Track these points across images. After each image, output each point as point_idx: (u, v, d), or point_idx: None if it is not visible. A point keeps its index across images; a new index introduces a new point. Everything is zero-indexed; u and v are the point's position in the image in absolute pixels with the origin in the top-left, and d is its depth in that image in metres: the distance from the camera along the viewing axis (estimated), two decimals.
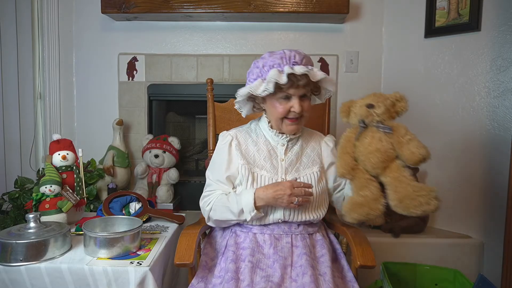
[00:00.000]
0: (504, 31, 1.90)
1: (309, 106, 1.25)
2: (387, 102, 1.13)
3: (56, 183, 1.42)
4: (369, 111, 1.12)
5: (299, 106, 1.20)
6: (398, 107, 1.14)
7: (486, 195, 2.00)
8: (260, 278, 1.10)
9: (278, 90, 1.20)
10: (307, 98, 1.24)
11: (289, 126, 1.26)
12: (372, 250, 1.20)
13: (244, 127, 1.39)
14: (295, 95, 1.21)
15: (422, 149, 1.07)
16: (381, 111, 1.11)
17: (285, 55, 1.19)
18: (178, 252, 1.17)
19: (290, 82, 1.17)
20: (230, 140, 1.32)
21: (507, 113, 1.92)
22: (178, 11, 2.15)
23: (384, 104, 1.12)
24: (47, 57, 2.25)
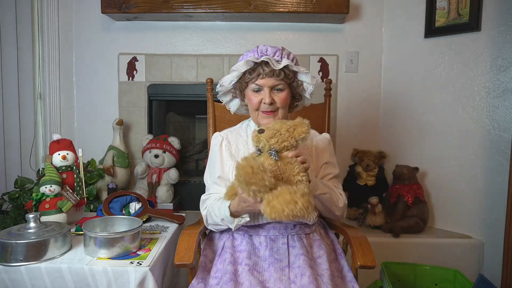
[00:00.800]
0: (504, 31, 1.90)
1: (284, 98, 1.23)
2: (284, 127, 1.08)
3: (56, 183, 1.42)
4: (259, 136, 1.08)
5: (269, 97, 1.20)
6: (296, 132, 1.08)
7: (486, 195, 2.00)
8: (258, 282, 1.09)
9: (248, 81, 1.23)
10: (281, 90, 1.23)
11: (264, 119, 1.24)
12: (372, 250, 1.19)
13: (236, 127, 1.40)
14: (265, 85, 1.21)
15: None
16: (267, 135, 1.06)
17: (258, 48, 1.23)
18: (178, 252, 1.17)
19: (256, 72, 1.20)
20: (220, 140, 1.34)
21: (507, 113, 1.92)
22: (178, 11, 2.15)
23: (276, 129, 1.07)
24: (47, 57, 2.25)
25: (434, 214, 2.20)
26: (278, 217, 0.95)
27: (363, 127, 2.38)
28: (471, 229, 2.06)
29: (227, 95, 1.36)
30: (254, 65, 1.21)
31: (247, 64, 1.20)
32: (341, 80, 2.34)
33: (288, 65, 1.20)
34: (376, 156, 2.26)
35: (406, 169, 2.14)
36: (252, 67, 1.21)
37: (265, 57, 1.18)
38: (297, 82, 1.27)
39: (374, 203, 2.14)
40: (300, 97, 1.33)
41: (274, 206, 0.96)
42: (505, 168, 1.80)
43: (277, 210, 0.95)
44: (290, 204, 0.94)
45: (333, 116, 2.29)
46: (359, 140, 2.37)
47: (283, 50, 1.23)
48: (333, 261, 1.25)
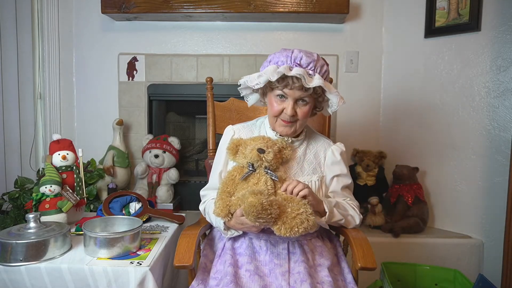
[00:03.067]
0: (504, 31, 1.90)
1: (306, 112, 1.20)
2: (275, 148, 1.17)
3: (56, 183, 1.42)
4: (260, 156, 1.13)
5: (292, 109, 1.17)
6: (283, 153, 1.20)
7: (486, 195, 2.00)
8: (259, 287, 1.08)
9: (274, 87, 1.19)
10: (306, 103, 1.19)
11: (281, 126, 1.22)
12: (373, 252, 1.19)
13: (249, 123, 1.38)
14: (291, 96, 1.17)
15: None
16: (270, 158, 1.14)
17: (292, 54, 1.16)
18: (178, 254, 1.16)
19: (285, 82, 1.15)
20: (231, 135, 1.32)
21: (507, 113, 1.92)
22: (178, 11, 2.15)
23: (273, 150, 1.15)
24: (47, 57, 2.25)
25: (434, 214, 2.20)
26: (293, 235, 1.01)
27: (363, 127, 2.38)
28: (471, 229, 2.06)
29: (247, 88, 1.31)
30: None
31: (277, 74, 1.13)
32: (341, 80, 2.34)
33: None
34: (376, 156, 2.26)
35: (406, 169, 2.14)
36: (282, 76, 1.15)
37: (297, 72, 1.10)
38: (323, 98, 1.23)
39: (374, 203, 2.14)
40: (321, 108, 1.30)
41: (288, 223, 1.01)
42: (505, 168, 1.80)
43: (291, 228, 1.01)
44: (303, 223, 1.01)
45: (333, 116, 2.29)
46: (359, 140, 2.37)
47: (317, 61, 1.17)
48: (336, 265, 1.23)
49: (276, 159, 1.16)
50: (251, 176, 1.15)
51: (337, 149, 1.32)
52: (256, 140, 1.19)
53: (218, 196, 1.16)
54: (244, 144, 1.19)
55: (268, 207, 0.99)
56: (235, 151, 1.20)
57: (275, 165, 1.17)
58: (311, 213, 1.04)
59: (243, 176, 1.15)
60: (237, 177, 1.16)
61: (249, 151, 1.15)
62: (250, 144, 1.18)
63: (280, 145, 1.19)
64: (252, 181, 1.14)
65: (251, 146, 1.16)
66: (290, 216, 1.02)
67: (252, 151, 1.14)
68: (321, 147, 1.32)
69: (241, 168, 1.18)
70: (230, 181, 1.17)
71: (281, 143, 1.19)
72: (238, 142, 1.21)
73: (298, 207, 1.04)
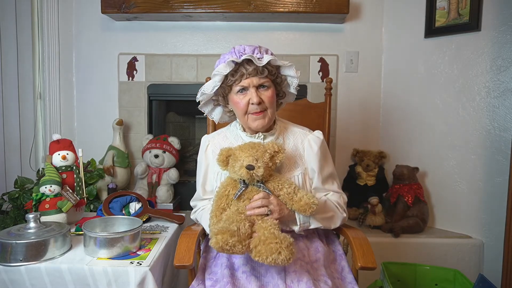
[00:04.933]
0: (504, 31, 1.90)
1: (270, 96, 1.20)
2: (266, 157, 1.11)
3: (56, 183, 1.42)
4: (249, 173, 1.08)
5: (256, 96, 1.16)
6: (276, 158, 1.14)
7: (486, 195, 2.00)
8: None
9: (232, 84, 1.19)
10: (267, 88, 1.20)
11: (254, 121, 1.21)
12: (373, 251, 1.19)
13: (224, 129, 1.38)
14: (250, 85, 1.17)
15: (313, 198, 1.08)
16: (260, 173, 1.08)
17: (235, 49, 1.18)
18: (178, 253, 1.17)
19: (239, 73, 1.16)
20: (206, 145, 1.34)
21: (507, 113, 1.92)
22: (178, 11, 2.15)
23: (263, 161, 1.09)
24: (47, 57, 2.25)
25: (434, 214, 2.20)
26: (262, 262, 0.99)
27: (363, 127, 2.38)
28: (471, 229, 2.06)
29: (208, 104, 1.32)
30: (235, 66, 1.17)
31: (228, 66, 1.15)
32: (341, 80, 2.34)
33: (270, 61, 1.17)
34: (376, 156, 2.26)
35: (406, 169, 2.14)
36: (234, 69, 1.17)
37: (246, 56, 1.13)
38: (281, 78, 1.24)
39: (374, 203, 2.14)
40: (284, 95, 1.30)
41: (259, 251, 0.99)
42: (505, 168, 1.80)
43: (261, 256, 0.98)
44: (274, 254, 0.97)
45: (333, 116, 2.28)
46: (359, 140, 2.37)
47: (260, 47, 1.19)
48: (332, 262, 1.23)
49: (268, 170, 1.11)
50: (244, 193, 1.12)
51: (314, 139, 1.29)
52: (244, 151, 1.12)
53: (213, 213, 1.14)
54: (234, 155, 1.13)
55: (229, 249, 0.99)
56: (226, 163, 1.15)
57: (268, 176, 1.13)
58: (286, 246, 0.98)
59: (235, 195, 1.12)
60: (230, 192, 1.14)
61: (238, 168, 1.09)
62: (240, 155, 1.11)
63: (271, 150, 1.13)
64: (246, 199, 1.12)
65: (240, 162, 1.10)
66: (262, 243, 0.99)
67: (241, 169, 1.08)
68: (298, 138, 1.30)
69: (233, 182, 1.15)
70: (224, 197, 1.14)
71: (272, 147, 1.13)
72: (227, 153, 1.15)
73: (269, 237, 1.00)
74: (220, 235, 0.99)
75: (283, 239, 0.99)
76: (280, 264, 0.98)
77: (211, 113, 1.35)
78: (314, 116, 1.68)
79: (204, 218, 1.29)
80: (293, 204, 1.10)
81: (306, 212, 1.08)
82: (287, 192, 1.11)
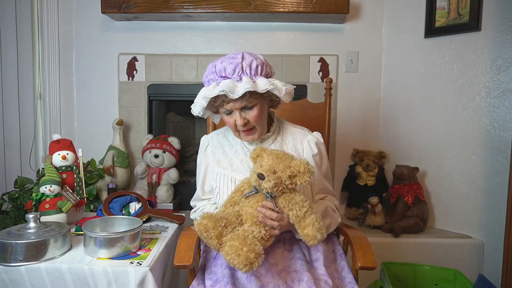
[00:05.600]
0: (504, 31, 1.90)
1: (256, 115, 1.16)
2: (284, 174, 1.05)
3: (56, 183, 1.42)
4: (259, 182, 1.05)
5: (241, 119, 1.15)
6: (298, 179, 1.06)
7: (486, 195, 2.00)
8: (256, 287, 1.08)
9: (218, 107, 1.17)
10: (252, 107, 1.16)
11: (245, 137, 1.22)
12: (373, 251, 1.19)
13: (223, 129, 1.38)
14: (233, 109, 1.15)
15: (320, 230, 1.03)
16: (268, 186, 1.04)
17: (216, 68, 1.13)
18: (178, 253, 1.17)
19: (220, 100, 1.13)
20: (206, 146, 1.34)
21: (507, 113, 1.92)
22: (178, 11, 2.15)
23: (278, 177, 1.04)
24: (47, 57, 2.25)
25: (434, 214, 2.20)
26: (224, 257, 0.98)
27: (363, 127, 2.38)
28: (471, 229, 2.06)
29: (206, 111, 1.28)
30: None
31: (205, 100, 1.13)
32: (341, 80, 2.34)
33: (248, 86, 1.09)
34: (376, 156, 2.26)
35: (406, 169, 2.14)
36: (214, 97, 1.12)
37: (219, 90, 1.08)
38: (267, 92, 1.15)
39: (374, 203, 2.14)
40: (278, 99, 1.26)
41: (223, 248, 0.98)
42: (505, 168, 1.80)
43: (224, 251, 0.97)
44: (233, 254, 0.95)
45: (333, 116, 2.29)
46: (359, 140, 2.37)
47: (242, 61, 1.11)
48: (332, 262, 1.23)
49: (281, 186, 1.05)
50: (253, 196, 1.11)
51: (313, 140, 1.29)
52: (270, 157, 1.08)
53: (224, 203, 1.16)
54: (261, 157, 1.11)
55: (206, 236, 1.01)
56: (255, 161, 1.14)
57: (280, 192, 1.07)
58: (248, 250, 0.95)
59: (244, 195, 1.12)
60: (246, 189, 1.14)
61: (252, 172, 1.09)
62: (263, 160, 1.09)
63: (296, 169, 1.05)
64: (252, 200, 1.10)
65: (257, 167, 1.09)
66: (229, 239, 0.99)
67: (253, 175, 1.07)
68: (297, 138, 1.30)
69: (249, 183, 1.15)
70: (238, 192, 1.15)
71: (298, 167, 1.05)
72: (258, 153, 1.13)
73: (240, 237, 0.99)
74: (206, 221, 1.01)
75: (250, 244, 0.96)
76: (236, 266, 0.95)
77: (212, 116, 1.35)
78: (314, 116, 1.68)
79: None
80: (298, 228, 1.06)
81: (308, 242, 1.03)
82: (296, 215, 1.05)
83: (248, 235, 1.00)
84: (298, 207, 1.05)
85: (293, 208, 1.06)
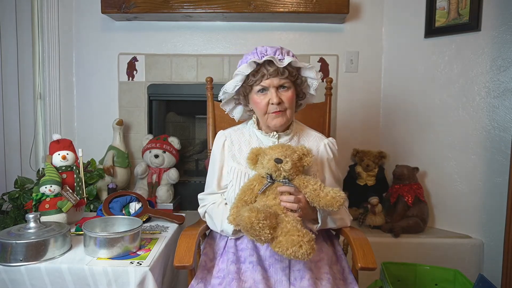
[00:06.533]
0: (504, 31, 1.90)
1: (290, 97, 1.23)
2: (294, 157, 1.13)
3: (56, 183, 1.42)
4: (277, 166, 1.11)
5: (276, 96, 1.19)
6: (304, 161, 1.15)
7: (486, 195, 2.00)
8: (261, 278, 1.09)
9: (253, 84, 1.22)
10: (287, 89, 1.22)
11: (273, 119, 1.23)
12: (373, 252, 1.19)
13: (240, 126, 1.40)
14: (271, 86, 1.20)
15: (339, 192, 1.10)
16: (288, 167, 1.10)
17: (257, 50, 1.21)
18: (178, 254, 1.16)
19: (260, 73, 1.18)
20: (223, 140, 1.35)
21: (507, 113, 1.92)
22: (178, 11, 2.15)
23: (291, 159, 1.11)
24: (47, 57, 2.25)
25: (434, 214, 2.20)
26: (281, 253, 1.01)
27: (363, 127, 2.38)
28: (471, 229, 2.06)
29: (230, 103, 1.35)
30: (257, 67, 1.20)
31: (250, 66, 1.18)
32: (341, 80, 2.34)
33: (291, 63, 1.19)
34: (376, 156, 2.26)
35: (406, 169, 2.14)
36: (255, 69, 1.19)
37: (268, 57, 1.17)
38: (301, 79, 1.26)
39: (374, 203, 2.14)
40: (304, 96, 1.33)
41: (280, 241, 1.01)
42: (505, 168, 1.80)
43: (282, 247, 1.00)
44: (295, 246, 0.99)
45: (333, 116, 2.28)
46: (359, 140, 2.37)
47: (282, 49, 1.22)
48: (335, 264, 1.24)
49: (295, 168, 1.13)
50: (270, 190, 1.14)
51: (330, 145, 1.34)
52: (274, 149, 1.15)
53: (234, 204, 1.16)
54: (263, 153, 1.17)
55: (258, 229, 0.99)
56: (255, 161, 1.18)
57: (295, 174, 1.14)
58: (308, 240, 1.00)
59: (261, 190, 1.14)
60: (256, 187, 1.16)
61: (266, 161, 1.12)
62: (269, 153, 1.15)
63: (300, 152, 1.14)
64: (270, 195, 1.13)
65: (269, 156, 1.13)
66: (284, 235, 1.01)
67: (270, 161, 1.11)
68: (313, 141, 1.34)
69: (260, 178, 1.17)
70: (248, 190, 1.16)
71: (301, 150, 1.15)
72: (257, 152, 1.18)
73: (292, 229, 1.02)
74: (254, 213, 0.99)
75: (306, 233, 1.01)
76: (299, 258, 0.99)
77: (232, 112, 1.39)
78: (314, 116, 1.68)
79: (215, 212, 1.29)
80: (320, 200, 1.10)
81: (334, 206, 1.08)
82: (313, 188, 1.11)
83: (296, 225, 1.03)
84: (313, 181, 1.12)
85: (308, 184, 1.12)
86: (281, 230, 1.02)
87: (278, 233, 1.02)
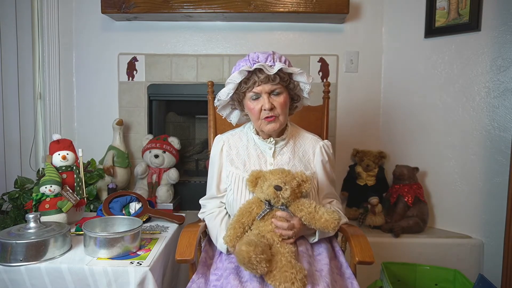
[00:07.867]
0: (504, 31, 1.90)
1: (283, 102, 1.24)
2: (294, 183, 1.15)
3: (56, 183, 1.42)
4: (276, 193, 1.13)
5: (268, 102, 1.21)
6: (303, 187, 1.17)
7: (486, 195, 2.00)
8: (259, 277, 1.10)
9: (246, 91, 1.24)
10: (280, 94, 1.24)
11: (267, 125, 1.25)
12: (372, 249, 1.20)
13: (238, 130, 1.42)
14: (263, 92, 1.22)
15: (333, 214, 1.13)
16: (287, 195, 1.12)
17: (249, 57, 1.23)
18: (179, 248, 1.18)
19: (252, 80, 1.21)
20: (221, 145, 1.37)
21: (507, 113, 1.92)
22: (178, 11, 2.15)
23: (290, 186, 1.13)
24: (47, 57, 2.25)
25: (434, 214, 2.20)
26: (274, 286, 1.03)
27: (363, 127, 2.38)
28: (471, 229, 2.06)
29: (226, 108, 1.37)
30: (248, 74, 1.22)
31: (241, 74, 1.21)
32: (341, 80, 2.34)
33: (282, 68, 1.21)
34: (376, 156, 2.26)
35: (406, 169, 2.14)
36: (247, 76, 1.22)
37: (258, 65, 1.18)
38: (294, 84, 1.28)
39: (374, 203, 2.14)
40: (299, 98, 1.34)
41: (274, 275, 1.03)
42: (505, 168, 1.80)
43: (275, 281, 1.02)
44: (287, 282, 1.01)
45: (333, 116, 2.29)
46: (359, 140, 2.37)
47: (274, 54, 1.24)
48: (333, 259, 1.26)
49: (294, 195, 1.15)
50: (267, 214, 1.16)
51: (325, 147, 1.37)
52: (275, 174, 1.16)
53: (232, 225, 1.17)
54: (263, 177, 1.18)
55: (255, 263, 1.00)
56: (255, 184, 1.19)
57: (292, 200, 1.16)
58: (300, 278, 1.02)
59: (259, 216, 1.16)
60: (254, 210, 1.17)
61: (266, 187, 1.14)
62: (269, 178, 1.16)
63: (300, 179, 1.16)
64: (268, 220, 1.16)
65: (269, 182, 1.14)
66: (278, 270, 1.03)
67: (269, 188, 1.13)
68: (309, 144, 1.36)
69: (259, 202, 1.18)
70: (247, 213, 1.17)
71: (300, 176, 1.17)
72: (257, 175, 1.20)
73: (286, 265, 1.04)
74: (252, 247, 1.01)
75: (299, 270, 1.03)
76: None
77: (229, 116, 1.41)
78: (312, 119, 1.69)
79: (212, 224, 1.32)
80: (315, 222, 1.13)
81: (329, 229, 1.12)
82: (308, 211, 1.14)
83: (290, 260, 1.05)
84: (307, 205, 1.15)
85: (304, 208, 1.14)
86: (276, 264, 1.04)
87: (273, 266, 1.04)
